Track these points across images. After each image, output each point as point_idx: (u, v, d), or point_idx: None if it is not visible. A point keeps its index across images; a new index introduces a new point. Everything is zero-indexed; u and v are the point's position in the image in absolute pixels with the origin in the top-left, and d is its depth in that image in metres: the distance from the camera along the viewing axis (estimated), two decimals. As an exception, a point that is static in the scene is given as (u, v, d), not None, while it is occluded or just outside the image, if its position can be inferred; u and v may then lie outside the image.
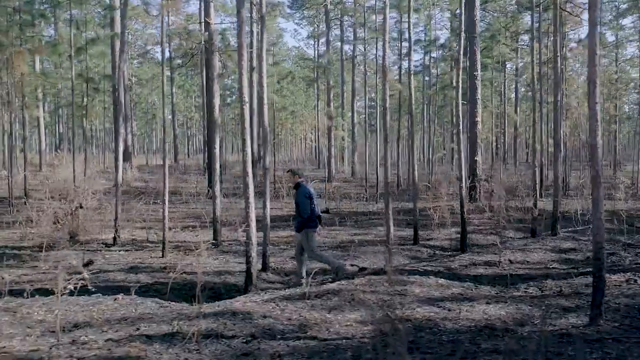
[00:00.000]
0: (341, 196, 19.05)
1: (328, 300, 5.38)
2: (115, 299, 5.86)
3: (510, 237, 10.25)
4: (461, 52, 10.22)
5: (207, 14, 19.10)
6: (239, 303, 5.40)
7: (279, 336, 4.38)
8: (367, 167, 21.59)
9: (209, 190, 17.92)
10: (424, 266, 7.31)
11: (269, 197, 7.36)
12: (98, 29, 24.48)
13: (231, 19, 29.98)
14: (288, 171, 7.60)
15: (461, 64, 10.33)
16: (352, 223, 12.59)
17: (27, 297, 5.73)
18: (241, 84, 6.08)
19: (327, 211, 14.08)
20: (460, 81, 10.43)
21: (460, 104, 10.32)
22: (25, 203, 15.20)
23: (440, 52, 28.05)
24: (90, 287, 4.80)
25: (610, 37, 35.16)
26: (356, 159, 37.39)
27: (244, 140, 6.18)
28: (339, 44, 38.82)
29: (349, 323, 4.77)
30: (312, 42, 46.86)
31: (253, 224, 6.21)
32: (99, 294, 6.09)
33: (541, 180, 19.57)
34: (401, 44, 26.20)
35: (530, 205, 11.19)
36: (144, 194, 16.52)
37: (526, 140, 35.86)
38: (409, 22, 9.96)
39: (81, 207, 9.03)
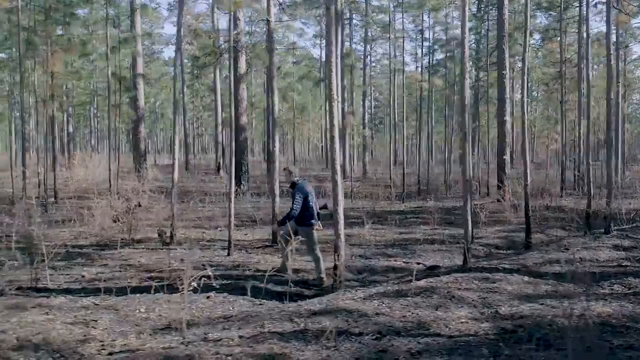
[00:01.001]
0: (365, 196, 19.08)
1: (429, 298, 5.38)
2: (207, 297, 5.85)
3: (557, 236, 10.28)
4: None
5: (234, 13, 19.04)
6: (340, 301, 5.39)
7: (403, 333, 4.38)
8: (391, 167, 21.55)
9: (237, 190, 17.92)
10: (498, 264, 7.31)
11: (341, 192, 7.34)
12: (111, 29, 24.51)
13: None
14: (284, 169, 7.60)
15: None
16: (392, 222, 12.59)
17: (121, 295, 5.75)
18: (330, 80, 6.06)
19: (325, 207, 13.98)
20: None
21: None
22: (55, 202, 15.24)
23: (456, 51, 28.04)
24: (215, 284, 4.79)
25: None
26: (367, 159, 37.36)
27: (332, 138, 6.16)
28: (347, 43, 38.81)
29: (462, 320, 4.76)
30: (317, 41, 46.84)
31: (341, 221, 6.21)
32: (190, 292, 6.08)
33: (562, 180, 19.65)
34: (422, 43, 26.16)
35: (559, 204, 11.26)
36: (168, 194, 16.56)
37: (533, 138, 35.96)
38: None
39: (139, 205, 9.01)
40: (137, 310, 5.34)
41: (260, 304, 5.78)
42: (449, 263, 8.07)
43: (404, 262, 8.28)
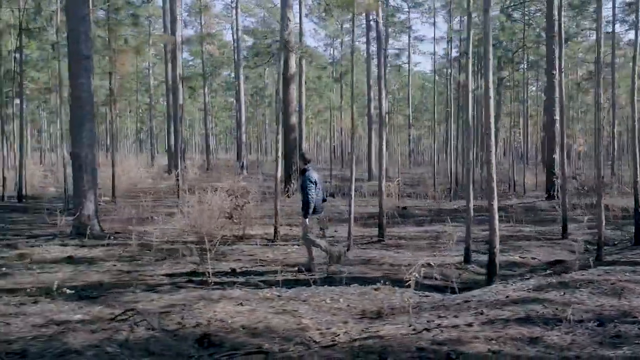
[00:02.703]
0: (408, 195, 19.33)
1: (599, 289, 5.55)
2: (376, 289, 6.06)
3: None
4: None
5: (283, 11, 19.25)
6: (510, 292, 5.58)
7: (616, 320, 4.57)
8: (436, 166, 21.73)
9: (287, 189, 18.10)
10: (620, 259, 7.54)
11: (471, 191, 7.56)
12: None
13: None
14: (301, 154, 7.76)
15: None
16: (458, 220, 12.81)
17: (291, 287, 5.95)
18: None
19: (332, 195, 14.10)
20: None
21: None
22: (113, 201, 15.39)
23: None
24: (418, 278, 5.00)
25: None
26: (386, 159, 37.50)
27: (488, 134, 6.38)
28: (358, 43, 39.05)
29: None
30: (329, 41, 46.99)
31: (496, 217, 6.42)
32: (355, 284, 6.30)
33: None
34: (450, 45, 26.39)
35: None
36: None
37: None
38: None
39: (248, 202, 9.21)
40: (323, 301, 5.53)
41: (427, 295, 5.98)
42: (567, 257, 8.27)
43: (519, 257, 8.48)
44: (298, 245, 9.12)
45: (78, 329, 4.45)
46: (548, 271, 7.13)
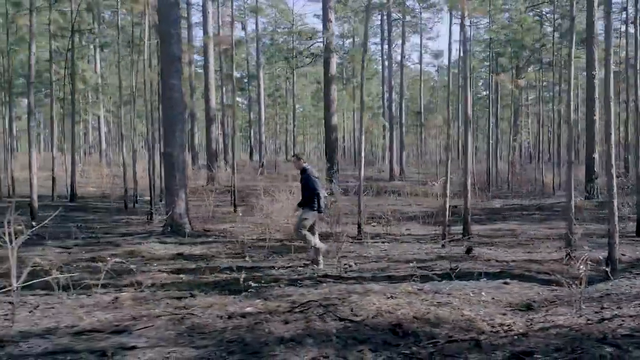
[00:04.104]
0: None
1: None
2: (505, 283, 6.30)
3: None
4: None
5: (325, 15, 19.49)
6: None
7: None
8: (475, 165, 21.99)
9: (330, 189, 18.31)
10: None
11: (572, 190, 7.80)
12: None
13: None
14: (293, 156, 7.90)
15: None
16: (520, 219, 13.05)
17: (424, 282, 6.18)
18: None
19: (331, 193, 13.83)
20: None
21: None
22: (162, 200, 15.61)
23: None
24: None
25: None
26: (404, 158, 37.78)
27: (609, 136, 6.61)
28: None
29: None
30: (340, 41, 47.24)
31: (616, 216, 6.65)
32: (484, 279, 6.53)
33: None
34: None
35: None
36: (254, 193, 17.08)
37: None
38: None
39: (335, 201, 9.41)
40: (467, 295, 5.75)
41: (555, 290, 6.20)
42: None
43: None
44: (388, 242, 9.36)
45: (269, 320, 4.68)
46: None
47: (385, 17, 34.30)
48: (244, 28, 36.58)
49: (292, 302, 5.33)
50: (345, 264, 7.41)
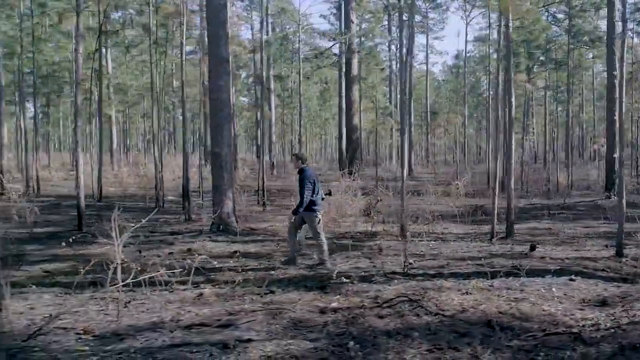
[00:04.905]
0: (466, 194, 19.67)
1: None
2: (571, 280, 6.44)
3: None
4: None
5: (347, 15, 19.64)
6: None
7: None
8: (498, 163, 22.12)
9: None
10: None
11: (624, 189, 7.95)
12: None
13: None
14: (293, 155, 7.84)
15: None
16: (545, 218, 13.20)
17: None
18: None
19: (329, 193, 13.93)
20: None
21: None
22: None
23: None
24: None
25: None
26: (413, 158, 37.96)
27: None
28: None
29: None
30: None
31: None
32: (548, 276, 6.67)
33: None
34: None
35: None
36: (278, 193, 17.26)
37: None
38: None
39: (380, 200, 9.57)
40: (538, 291, 5.88)
41: (620, 286, 6.35)
42: None
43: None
44: (434, 241, 9.50)
45: (365, 315, 4.82)
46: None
47: (389, 16, 34.60)
48: (253, 28, 36.72)
49: (373, 297, 5.47)
50: (405, 262, 7.54)
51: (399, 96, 38.39)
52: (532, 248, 8.15)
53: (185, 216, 11.92)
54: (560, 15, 27.83)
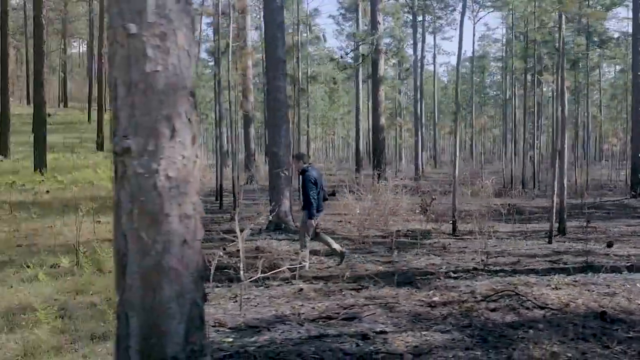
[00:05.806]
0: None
1: None
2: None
3: None
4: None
5: (374, 17, 19.80)
6: None
7: None
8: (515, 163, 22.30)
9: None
10: None
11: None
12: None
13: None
14: (295, 155, 7.74)
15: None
16: (580, 217, 13.36)
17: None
18: None
19: (333, 194, 13.67)
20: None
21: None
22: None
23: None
24: None
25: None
26: (422, 158, 38.16)
27: None
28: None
29: None
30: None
31: None
32: (625, 272, 6.84)
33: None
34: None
35: None
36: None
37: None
38: None
39: (434, 199, 9.73)
40: (623, 286, 6.04)
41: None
42: None
43: None
44: (488, 239, 9.65)
45: (476, 308, 4.98)
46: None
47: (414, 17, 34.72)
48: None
49: (469, 292, 5.63)
50: (483, 258, 7.70)
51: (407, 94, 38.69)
52: (610, 245, 8.32)
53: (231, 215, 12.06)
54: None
